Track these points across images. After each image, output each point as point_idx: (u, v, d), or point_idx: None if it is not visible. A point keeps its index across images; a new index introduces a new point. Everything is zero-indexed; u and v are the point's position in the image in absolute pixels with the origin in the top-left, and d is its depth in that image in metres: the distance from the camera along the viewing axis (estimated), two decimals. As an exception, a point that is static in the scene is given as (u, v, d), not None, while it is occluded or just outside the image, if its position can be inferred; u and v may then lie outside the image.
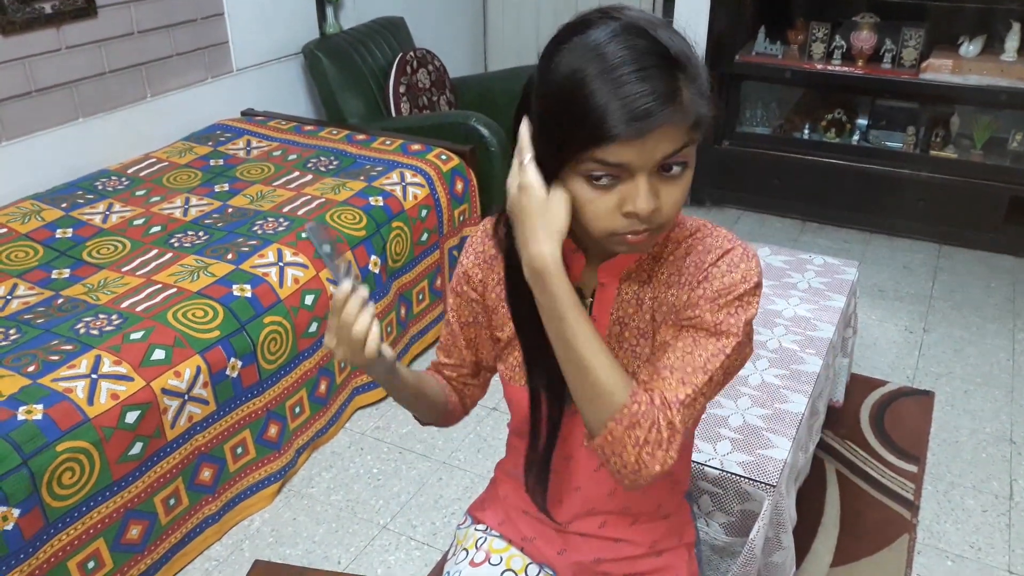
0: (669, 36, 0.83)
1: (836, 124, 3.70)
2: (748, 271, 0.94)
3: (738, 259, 0.95)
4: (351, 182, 2.68)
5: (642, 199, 0.84)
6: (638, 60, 0.80)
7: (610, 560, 1.14)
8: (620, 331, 1.01)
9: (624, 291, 1.01)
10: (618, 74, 0.80)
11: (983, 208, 3.43)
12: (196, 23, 3.06)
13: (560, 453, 1.07)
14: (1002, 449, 2.37)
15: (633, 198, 0.85)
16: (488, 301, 1.08)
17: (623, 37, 0.82)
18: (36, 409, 1.67)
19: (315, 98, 3.61)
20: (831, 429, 2.42)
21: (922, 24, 3.51)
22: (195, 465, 1.98)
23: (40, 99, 2.62)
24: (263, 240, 2.32)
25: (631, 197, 0.85)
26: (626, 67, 0.80)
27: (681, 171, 0.86)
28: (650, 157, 0.83)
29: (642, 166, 0.83)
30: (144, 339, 1.89)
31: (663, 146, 0.83)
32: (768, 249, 2.49)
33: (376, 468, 2.33)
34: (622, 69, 0.80)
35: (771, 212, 3.85)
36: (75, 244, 2.34)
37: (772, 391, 1.85)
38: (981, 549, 2.05)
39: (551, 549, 1.16)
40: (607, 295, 1.01)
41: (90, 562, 1.77)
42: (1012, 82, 3.29)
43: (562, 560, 1.16)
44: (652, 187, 0.85)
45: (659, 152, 0.83)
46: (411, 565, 2.02)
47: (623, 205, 0.85)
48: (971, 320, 3.01)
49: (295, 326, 2.19)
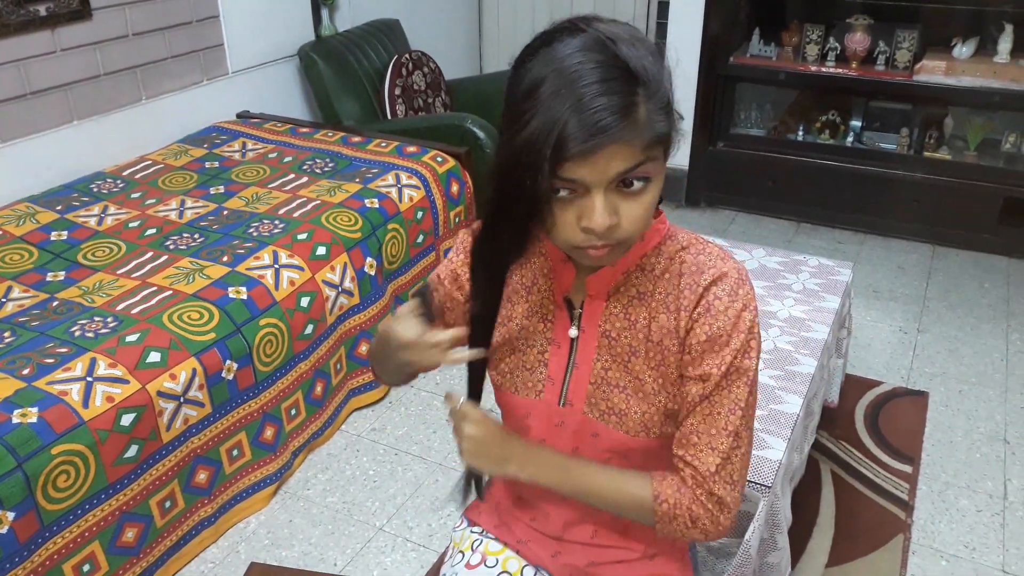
0: (631, 50, 0.81)
1: (830, 125, 3.71)
2: (747, 299, 0.95)
3: (734, 285, 0.95)
4: (347, 184, 2.68)
5: (597, 216, 0.84)
6: (594, 74, 0.79)
7: (604, 564, 1.14)
8: (610, 344, 1.01)
9: (612, 306, 1.00)
10: (572, 89, 0.79)
11: (977, 209, 3.44)
12: (191, 25, 3.06)
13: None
14: (996, 449, 2.38)
15: (589, 214, 0.84)
16: None
17: (583, 52, 0.81)
18: (31, 412, 1.67)
19: (310, 100, 3.62)
20: (826, 430, 2.42)
21: (915, 26, 3.52)
22: (191, 467, 1.98)
23: (35, 101, 2.62)
24: (259, 242, 2.32)
25: (587, 213, 0.84)
26: (581, 82, 0.79)
27: (643, 186, 0.85)
28: (603, 174, 0.82)
29: (596, 182, 0.83)
30: (139, 342, 1.89)
31: (616, 163, 0.82)
32: (763, 250, 2.49)
33: (372, 470, 2.33)
34: (577, 84, 0.79)
35: (765, 213, 3.86)
36: (70, 247, 2.34)
37: (767, 392, 1.85)
38: (975, 549, 2.06)
39: (545, 552, 1.17)
40: (595, 308, 1.01)
41: (85, 565, 1.77)
42: (1005, 83, 3.31)
43: (556, 562, 1.16)
44: (610, 203, 0.84)
45: (612, 169, 0.82)
46: (407, 567, 2.02)
47: (580, 220, 0.85)
48: (965, 320, 3.02)
49: (291, 328, 2.19)
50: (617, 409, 1.01)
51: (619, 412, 1.01)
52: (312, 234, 2.37)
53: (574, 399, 1.03)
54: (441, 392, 2.62)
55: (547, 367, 1.04)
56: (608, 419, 1.01)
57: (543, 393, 1.04)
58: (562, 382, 1.03)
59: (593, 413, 1.02)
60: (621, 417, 1.01)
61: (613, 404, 1.01)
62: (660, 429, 1.01)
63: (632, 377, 1.00)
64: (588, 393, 1.02)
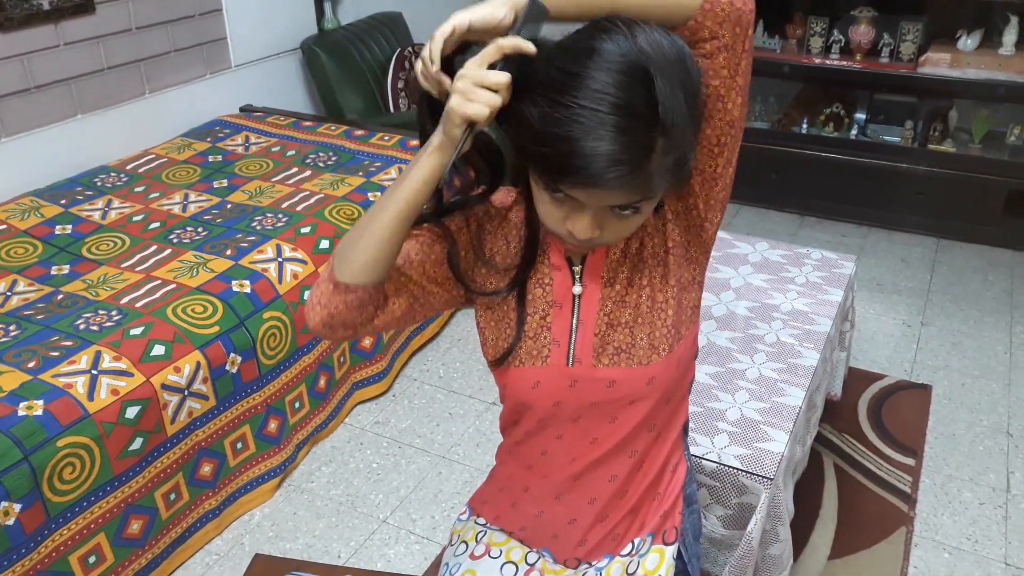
0: (668, 88, 0.80)
1: (834, 118, 3.70)
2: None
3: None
4: (350, 178, 2.68)
5: (581, 228, 0.88)
6: (624, 114, 0.79)
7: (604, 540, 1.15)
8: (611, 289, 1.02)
9: (612, 252, 1.02)
10: (598, 113, 0.79)
11: (981, 202, 3.43)
12: (194, 19, 3.06)
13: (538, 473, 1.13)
14: (999, 442, 2.38)
15: (575, 222, 0.88)
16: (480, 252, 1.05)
17: (623, 74, 0.80)
18: (37, 405, 1.68)
19: (313, 94, 3.62)
20: (829, 423, 2.42)
21: (920, 18, 3.51)
22: (195, 460, 1.99)
23: (39, 96, 2.62)
24: (262, 236, 2.32)
25: (574, 220, 0.88)
26: (609, 112, 0.79)
27: (632, 214, 0.88)
28: (599, 201, 0.85)
29: (591, 205, 0.86)
30: (144, 335, 1.90)
31: (613, 198, 0.85)
32: (766, 243, 2.49)
33: (376, 463, 2.33)
34: (603, 110, 0.79)
35: (769, 206, 3.85)
36: (74, 240, 2.34)
37: (770, 385, 1.85)
38: (978, 541, 2.06)
39: (546, 533, 1.17)
40: (597, 260, 1.02)
41: (91, 557, 1.78)
42: (1010, 76, 3.29)
43: (557, 543, 1.17)
44: (597, 219, 0.88)
45: (608, 200, 0.85)
46: (411, 559, 2.03)
47: (567, 220, 0.89)
48: (969, 314, 3.01)
49: (294, 321, 2.19)
50: (624, 346, 1.02)
51: (626, 348, 1.02)
52: (315, 228, 2.38)
53: (582, 355, 1.03)
54: (444, 386, 2.63)
55: (550, 330, 1.04)
56: (618, 360, 1.02)
57: (549, 358, 1.04)
58: (568, 342, 1.03)
59: (602, 362, 1.03)
60: (629, 351, 1.02)
61: (619, 344, 1.02)
62: (670, 344, 1.02)
63: (631, 308, 1.02)
64: (595, 345, 1.02)
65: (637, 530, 1.16)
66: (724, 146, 0.95)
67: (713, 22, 0.87)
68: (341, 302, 0.97)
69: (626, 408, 1.05)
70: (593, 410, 1.05)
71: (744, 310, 2.14)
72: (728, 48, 0.89)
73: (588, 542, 1.15)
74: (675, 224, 1.02)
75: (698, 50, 0.89)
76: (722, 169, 0.97)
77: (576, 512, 1.14)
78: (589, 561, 1.17)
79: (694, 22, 0.87)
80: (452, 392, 2.60)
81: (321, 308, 0.98)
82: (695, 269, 1.05)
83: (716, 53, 0.89)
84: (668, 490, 1.16)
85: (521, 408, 1.08)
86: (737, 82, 0.91)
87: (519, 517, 1.21)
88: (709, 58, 0.89)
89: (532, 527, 1.19)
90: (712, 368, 1.91)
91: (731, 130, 0.94)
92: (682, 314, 1.04)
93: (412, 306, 1.02)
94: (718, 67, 0.89)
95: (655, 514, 1.15)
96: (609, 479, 1.10)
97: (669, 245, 1.02)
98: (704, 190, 0.99)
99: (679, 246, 1.03)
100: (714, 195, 0.99)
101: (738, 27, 0.88)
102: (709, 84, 0.90)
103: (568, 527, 1.15)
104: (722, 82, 0.90)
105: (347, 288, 0.97)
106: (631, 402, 1.04)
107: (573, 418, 1.06)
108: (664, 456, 1.12)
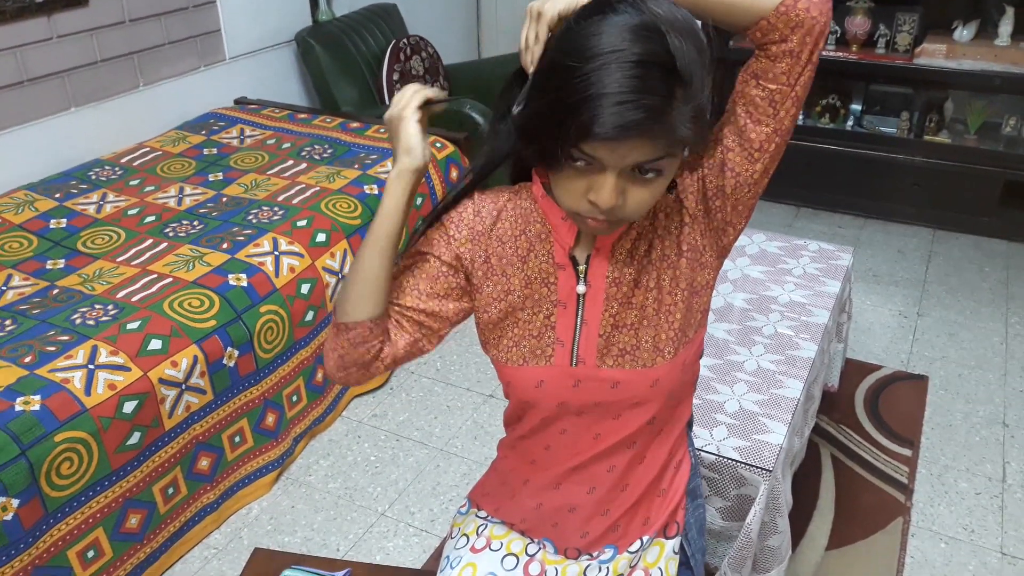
0: (681, 43, 0.82)
1: (830, 109, 3.70)
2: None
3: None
4: (345, 170, 2.68)
5: (605, 194, 0.87)
6: (640, 64, 0.80)
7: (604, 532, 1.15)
8: (617, 290, 1.01)
9: (617, 252, 1.01)
10: (615, 72, 0.80)
11: (977, 193, 3.44)
12: (188, 11, 3.04)
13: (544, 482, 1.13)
14: (995, 432, 2.39)
15: (598, 189, 0.87)
16: (474, 279, 1.06)
17: (635, 32, 0.81)
18: (34, 400, 1.67)
19: (308, 86, 3.60)
20: (826, 414, 2.43)
21: (916, 9, 3.51)
22: (193, 454, 1.99)
23: (32, 89, 2.60)
24: (258, 229, 2.31)
25: (597, 188, 0.87)
26: (626, 68, 0.80)
27: (654, 177, 0.88)
28: (621, 160, 0.85)
29: (613, 165, 0.85)
30: (140, 329, 1.89)
31: (636, 153, 0.84)
32: (763, 235, 2.49)
33: (373, 456, 2.33)
34: (622, 69, 0.80)
35: (765, 198, 3.81)
36: (69, 234, 2.33)
37: (767, 376, 1.86)
38: (974, 531, 2.07)
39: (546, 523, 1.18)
40: (601, 260, 1.02)
41: (90, 551, 1.78)
42: (1006, 66, 3.30)
43: (558, 531, 1.17)
44: (620, 185, 0.87)
45: (631, 158, 0.85)
46: (409, 551, 2.03)
47: (589, 192, 0.88)
48: (965, 304, 3.02)
49: (291, 315, 2.19)
50: (628, 347, 1.02)
51: (631, 349, 1.02)
52: (312, 221, 2.37)
53: (586, 356, 1.03)
54: (442, 379, 2.63)
55: (555, 330, 1.04)
56: (622, 361, 1.02)
57: (553, 358, 1.04)
58: (572, 342, 1.03)
59: (607, 363, 1.02)
60: (633, 353, 1.02)
61: (624, 345, 1.02)
62: (675, 347, 1.02)
63: (637, 309, 1.01)
64: (599, 346, 1.02)
65: (642, 527, 1.16)
66: (766, 152, 0.96)
67: (785, 26, 0.87)
68: (344, 341, 1.02)
69: (630, 409, 1.05)
70: (597, 408, 1.05)
71: (742, 302, 2.14)
72: (793, 55, 0.89)
73: (589, 534, 1.15)
74: (693, 227, 1.01)
75: (765, 51, 0.90)
76: (759, 176, 0.98)
77: (574, 500, 1.14)
78: (590, 552, 1.17)
79: (766, 22, 0.88)
80: (450, 384, 2.60)
81: (331, 352, 1.04)
82: (709, 273, 1.04)
83: (780, 57, 0.89)
84: (673, 487, 1.16)
85: (525, 406, 1.08)
86: (796, 91, 0.92)
87: (519, 509, 1.21)
88: (772, 60, 0.90)
89: (532, 518, 1.19)
90: (710, 360, 1.91)
91: (777, 137, 0.95)
92: (691, 318, 1.03)
93: (419, 332, 1.05)
94: (778, 72, 0.90)
95: (661, 512, 1.16)
96: (608, 469, 1.10)
97: (684, 248, 1.01)
98: (736, 193, 0.99)
99: (695, 249, 1.02)
100: (743, 201, 0.99)
101: (808, 36, 0.88)
102: (766, 87, 0.91)
103: (568, 515, 1.15)
104: (779, 88, 0.91)
105: (346, 327, 1.01)
106: (635, 404, 1.04)
107: (577, 414, 1.07)
108: (667, 452, 1.13)
